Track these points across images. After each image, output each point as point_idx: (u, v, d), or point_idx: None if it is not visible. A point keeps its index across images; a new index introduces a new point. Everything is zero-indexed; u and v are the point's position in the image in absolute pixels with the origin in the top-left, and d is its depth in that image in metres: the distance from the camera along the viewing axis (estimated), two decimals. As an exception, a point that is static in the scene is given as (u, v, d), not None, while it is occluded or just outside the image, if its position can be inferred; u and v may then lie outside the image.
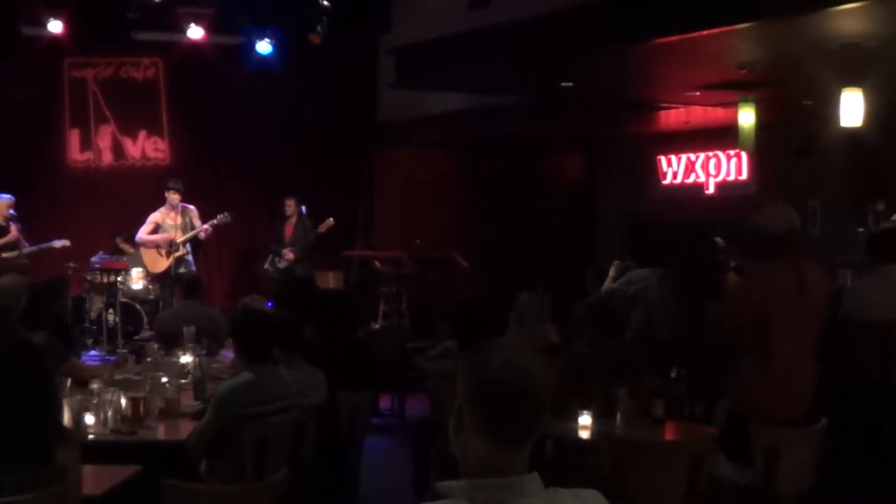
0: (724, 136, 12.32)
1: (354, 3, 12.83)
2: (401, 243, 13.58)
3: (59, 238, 11.97)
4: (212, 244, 12.94)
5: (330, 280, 13.08)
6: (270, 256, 12.97)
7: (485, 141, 14.36)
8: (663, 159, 14.44)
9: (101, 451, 4.79)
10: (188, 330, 7.35)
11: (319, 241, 12.81)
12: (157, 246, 12.26)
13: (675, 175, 14.35)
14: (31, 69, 13.22)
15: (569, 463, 5.51)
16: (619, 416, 5.58)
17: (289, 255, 12.76)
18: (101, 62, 13.88)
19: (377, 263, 13.55)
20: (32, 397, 3.34)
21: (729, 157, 13.62)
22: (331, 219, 12.70)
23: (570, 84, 11.12)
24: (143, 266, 12.38)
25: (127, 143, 14.05)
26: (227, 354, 7.43)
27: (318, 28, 12.53)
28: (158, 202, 12.40)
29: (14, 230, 11.66)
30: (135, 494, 4.40)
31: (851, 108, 9.25)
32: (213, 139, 13.97)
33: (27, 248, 11.72)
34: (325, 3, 12.33)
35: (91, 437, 5.13)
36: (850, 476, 6.45)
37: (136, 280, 12.38)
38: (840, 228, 11.60)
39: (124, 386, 5.80)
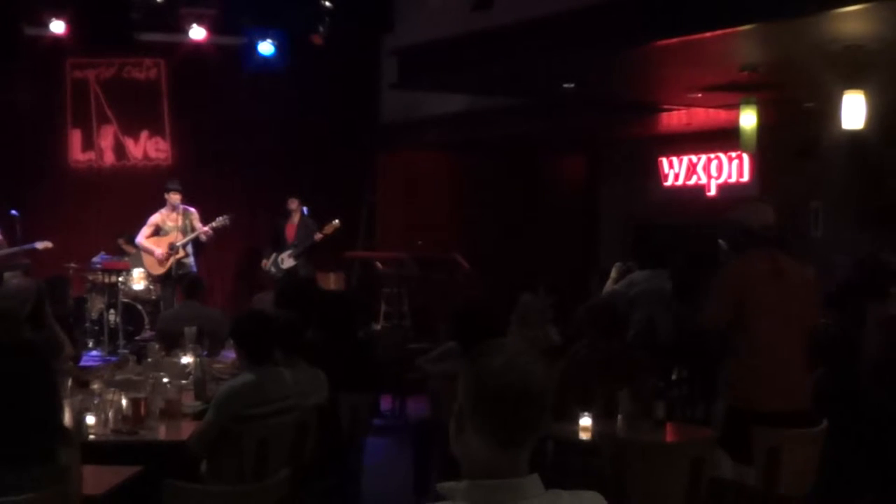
0: (725, 137, 12.29)
1: (357, 3, 12.81)
2: (402, 244, 13.57)
3: (41, 240, 11.70)
4: (214, 245, 12.94)
5: (331, 281, 13.08)
6: (274, 256, 12.97)
7: (487, 142, 14.35)
8: (665, 161, 14.41)
9: (102, 452, 4.80)
10: (189, 330, 7.36)
11: (319, 243, 12.79)
12: (153, 255, 12.12)
13: (676, 177, 14.33)
14: (33, 69, 13.22)
15: (570, 464, 5.51)
16: (620, 418, 5.58)
17: (288, 260, 12.78)
18: (103, 62, 13.88)
19: (378, 264, 13.55)
20: (35, 397, 3.34)
21: (731, 159, 13.60)
22: (336, 220, 12.69)
23: (572, 86, 11.12)
24: (144, 267, 12.37)
25: (129, 143, 14.05)
26: (229, 355, 7.43)
27: (321, 29, 12.52)
28: (160, 203, 12.38)
29: None
30: (136, 495, 4.40)
31: (853, 111, 9.24)
32: (215, 140, 13.96)
33: (4, 251, 11.44)
34: (328, 3, 12.31)
35: (92, 437, 5.14)
36: (853, 480, 6.44)
37: (138, 280, 12.38)
38: (842, 230, 11.59)
39: (125, 386, 5.80)
